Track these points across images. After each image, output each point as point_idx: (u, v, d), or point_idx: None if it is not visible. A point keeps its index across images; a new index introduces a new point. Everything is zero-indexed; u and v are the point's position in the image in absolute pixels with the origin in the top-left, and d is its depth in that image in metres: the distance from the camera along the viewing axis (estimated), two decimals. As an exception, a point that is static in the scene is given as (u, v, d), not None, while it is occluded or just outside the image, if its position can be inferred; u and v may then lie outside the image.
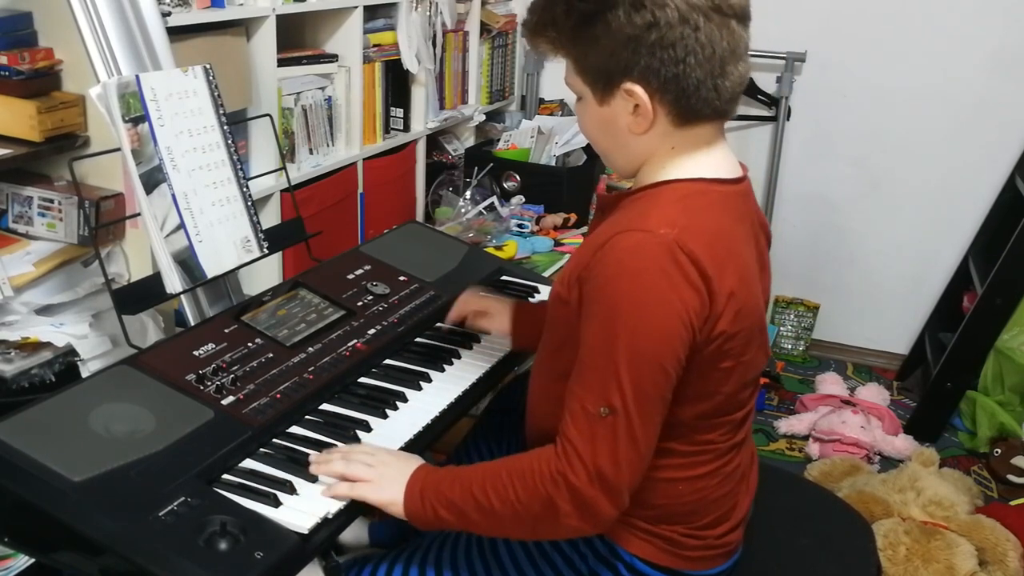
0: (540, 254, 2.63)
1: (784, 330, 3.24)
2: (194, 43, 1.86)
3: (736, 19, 1.05)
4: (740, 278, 1.08)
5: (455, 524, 1.14)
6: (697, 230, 1.04)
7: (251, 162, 2.17)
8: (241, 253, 1.55)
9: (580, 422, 1.04)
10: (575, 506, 1.05)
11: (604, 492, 1.04)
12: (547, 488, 1.06)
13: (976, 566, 2.04)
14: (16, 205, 1.71)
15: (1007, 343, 2.64)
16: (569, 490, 1.04)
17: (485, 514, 1.10)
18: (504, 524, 1.11)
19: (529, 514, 1.08)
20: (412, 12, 2.57)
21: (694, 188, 1.10)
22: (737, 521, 1.25)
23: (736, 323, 1.07)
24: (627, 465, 1.04)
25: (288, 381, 1.32)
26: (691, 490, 1.17)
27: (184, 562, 0.97)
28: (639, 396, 1.02)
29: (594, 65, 1.08)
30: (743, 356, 1.11)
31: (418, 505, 1.14)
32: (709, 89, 1.06)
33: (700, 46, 1.03)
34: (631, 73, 1.05)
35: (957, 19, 2.82)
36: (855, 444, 2.58)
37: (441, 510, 1.12)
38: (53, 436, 1.10)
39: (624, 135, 1.11)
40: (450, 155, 3.01)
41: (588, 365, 1.05)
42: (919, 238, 3.06)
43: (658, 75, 1.04)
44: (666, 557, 1.19)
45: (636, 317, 1.02)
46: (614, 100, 1.09)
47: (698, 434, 1.15)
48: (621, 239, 1.04)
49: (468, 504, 1.11)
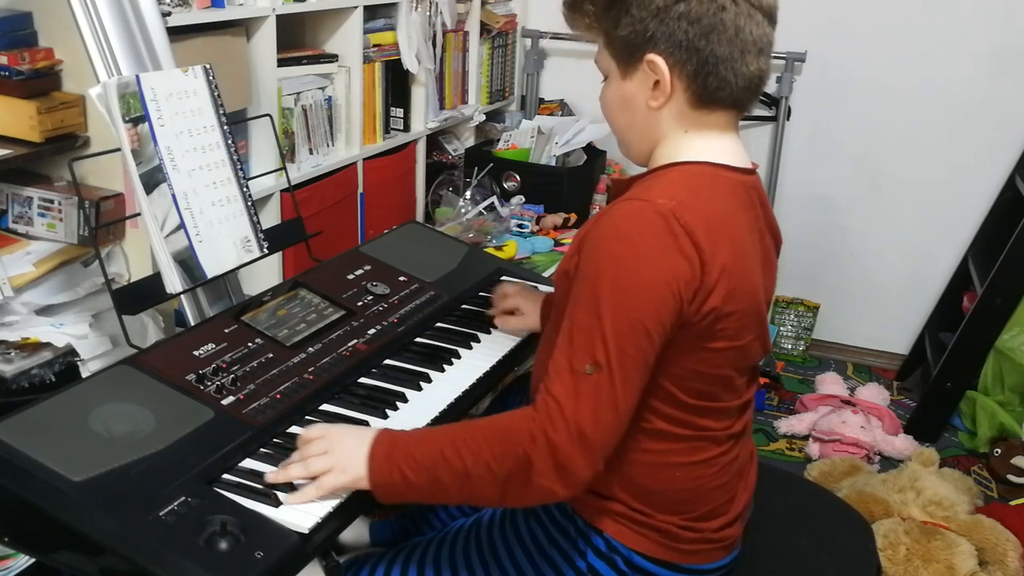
0: (540, 254, 2.63)
1: (784, 330, 3.24)
2: (194, 43, 1.86)
3: (762, 13, 1.10)
4: (736, 257, 1.09)
5: (422, 488, 1.10)
6: (696, 205, 1.07)
7: (251, 162, 2.17)
8: (241, 253, 1.55)
9: (565, 378, 1.04)
10: (552, 464, 1.03)
11: (582, 450, 1.03)
12: (524, 446, 1.04)
13: (976, 566, 2.04)
14: (16, 205, 1.71)
15: (1007, 343, 2.64)
16: (548, 446, 1.03)
17: (456, 475, 1.07)
18: (475, 486, 1.08)
19: (502, 472, 1.05)
20: (412, 12, 2.58)
21: (701, 170, 1.13)
22: (734, 516, 1.25)
23: (729, 302, 1.08)
24: (605, 426, 1.04)
25: (288, 381, 1.32)
26: (688, 477, 1.18)
27: (184, 562, 0.97)
28: (622, 356, 1.03)
29: (621, 36, 1.12)
30: (737, 340, 1.12)
31: (384, 470, 1.10)
32: (728, 70, 1.09)
33: (723, 26, 1.07)
34: (655, 44, 1.09)
35: (957, 19, 2.82)
36: (855, 444, 2.58)
37: (409, 472, 1.09)
38: (53, 436, 1.10)
39: (642, 112, 1.14)
40: (450, 155, 3.01)
41: (575, 323, 1.06)
42: (919, 238, 3.06)
43: (680, 47, 1.08)
44: (663, 551, 1.20)
45: (623, 277, 1.04)
46: (636, 74, 1.13)
47: (696, 419, 1.16)
48: (620, 206, 1.08)
49: (438, 464, 1.08)
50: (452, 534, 1.31)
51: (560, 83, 3.32)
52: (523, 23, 3.30)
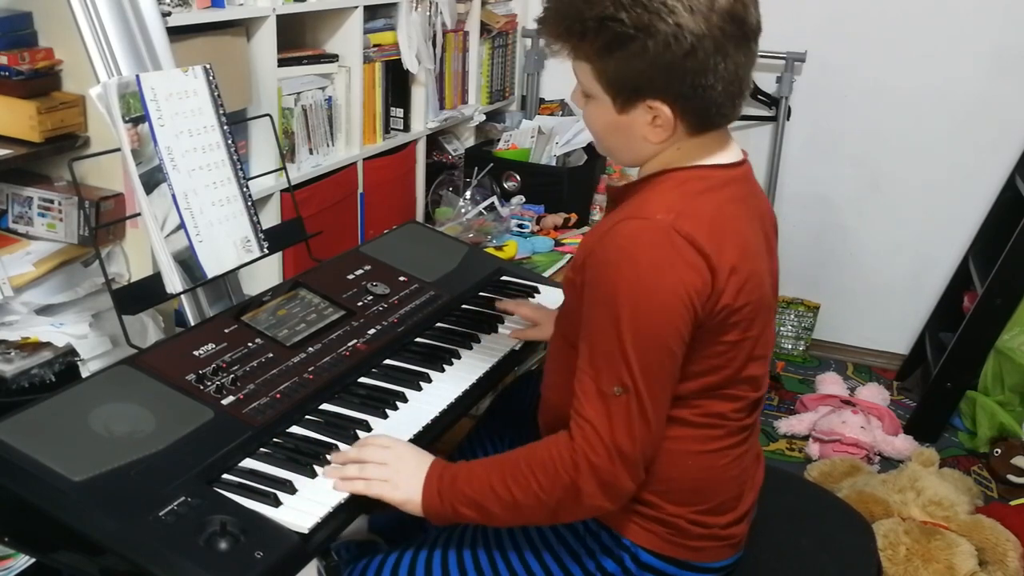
0: (540, 254, 2.63)
1: (784, 330, 3.24)
2: (194, 43, 1.86)
3: (753, 40, 1.11)
4: (742, 253, 1.11)
5: (476, 519, 1.17)
6: (694, 213, 1.09)
7: (251, 162, 2.17)
8: (241, 253, 1.55)
9: (595, 402, 1.08)
10: (598, 485, 1.09)
11: (624, 467, 1.08)
12: (569, 473, 1.09)
13: (976, 566, 2.04)
14: (16, 205, 1.71)
15: (1007, 343, 2.64)
16: (591, 470, 1.08)
17: (507, 507, 1.13)
18: (526, 514, 1.15)
19: (552, 500, 1.11)
20: (412, 12, 2.57)
21: (693, 175, 1.14)
22: (742, 513, 1.25)
23: (740, 297, 1.11)
24: (642, 440, 1.09)
25: (288, 381, 1.32)
26: (699, 466, 1.19)
27: (184, 562, 0.97)
28: (647, 375, 1.07)
29: (619, 79, 1.10)
30: (749, 331, 1.14)
31: (436, 503, 1.17)
32: (728, 106, 1.12)
33: (728, 72, 1.08)
34: (660, 93, 1.09)
35: (957, 19, 2.82)
36: (855, 444, 2.58)
37: (461, 507, 1.15)
38: (53, 436, 1.10)
39: (637, 140, 1.15)
40: (450, 155, 3.01)
41: (597, 349, 1.09)
42: (919, 238, 3.06)
43: (686, 97, 1.09)
44: (671, 547, 1.20)
45: (637, 300, 1.06)
46: (634, 111, 1.12)
47: (709, 405, 1.17)
48: (621, 227, 1.09)
49: (489, 499, 1.14)
50: (459, 533, 1.31)
51: (560, 83, 3.32)
52: (523, 23, 3.29)
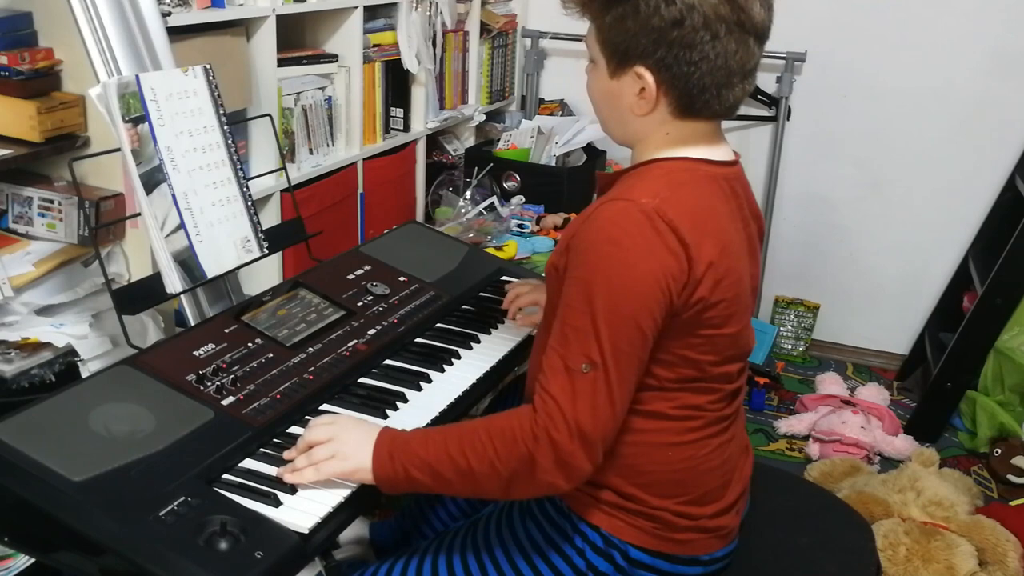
0: (540, 254, 2.62)
1: (784, 330, 3.24)
2: (194, 43, 1.86)
3: (754, 37, 1.11)
4: (721, 250, 1.12)
5: (427, 484, 1.14)
6: (678, 201, 1.10)
7: (251, 162, 2.17)
8: (241, 253, 1.55)
9: (561, 378, 1.08)
10: (554, 461, 1.07)
11: (583, 446, 1.07)
12: (527, 444, 1.08)
13: (976, 566, 2.04)
14: (16, 205, 1.71)
15: (1007, 343, 2.64)
16: (551, 445, 1.07)
17: (461, 473, 1.11)
18: (480, 482, 1.12)
19: (507, 470, 1.10)
20: (412, 12, 2.58)
21: (681, 166, 1.15)
22: (728, 504, 1.25)
23: (716, 292, 1.11)
24: (604, 421, 1.08)
25: (288, 381, 1.32)
26: (680, 457, 1.19)
27: (184, 562, 0.97)
28: (616, 354, 1.06)
29: (614, 40, 1.13)
30: (723, 328, 1.15)
31: (388, 467, 1.14)
32: (712, 96, 1.11)
33: (715, 55, 1.08)
34: (646, 59, 1.10)
35: (957, 19, 2.82)
36: (855, 444, 2.58)
37: (413, 470, 1.13)
38: (53, 436, 1.10)
39: (625, 112, 1.16)
40: (450, 155, 3.01)
41: (569, 324, 1.09)
42: (919, 238, 3.06)
43: (669, 69, 1.10)
44: (659, 543, 1.20)
45: (614, 278, 1.06)
46: (624, 77, 1.14)
47: (686, 398, 1.18)
48: (605, 208, 1.10)
49: (443, 464, 1.12)
50: (449, 538, 1.31)
51: (560, 83, 3.32)
52: (523, 23, 3.29)
